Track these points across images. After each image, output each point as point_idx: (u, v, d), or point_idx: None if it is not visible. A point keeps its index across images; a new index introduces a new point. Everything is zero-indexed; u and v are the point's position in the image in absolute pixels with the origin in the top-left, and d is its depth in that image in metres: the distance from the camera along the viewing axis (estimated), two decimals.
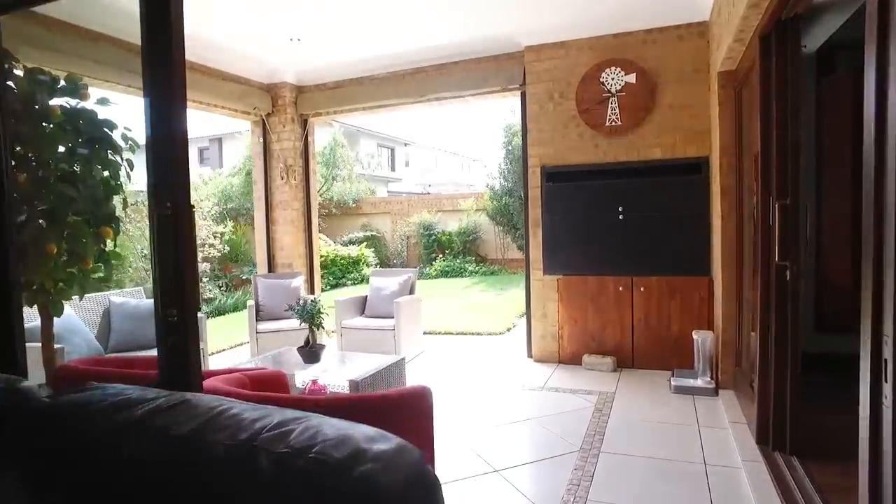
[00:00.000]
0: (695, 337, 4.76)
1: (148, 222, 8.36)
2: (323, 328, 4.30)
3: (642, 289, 5.37)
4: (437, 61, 6.27)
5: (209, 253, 11.85)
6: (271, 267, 7.14)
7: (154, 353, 4.55)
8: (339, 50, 5.98)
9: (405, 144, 39.39)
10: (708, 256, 5.13)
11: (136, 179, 3.12)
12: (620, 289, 5.45)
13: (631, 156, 5.38)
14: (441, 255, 15.28)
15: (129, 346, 5.25)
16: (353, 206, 17.26)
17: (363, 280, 14.20)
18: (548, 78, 5.64)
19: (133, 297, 5.61)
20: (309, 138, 7.16)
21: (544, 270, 5.78)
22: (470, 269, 14.46)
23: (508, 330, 7.93)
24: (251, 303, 6.21)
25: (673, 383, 4.75)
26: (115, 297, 5.48)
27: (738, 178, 4.43)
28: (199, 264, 11.48)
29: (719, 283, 4.69)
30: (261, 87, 6.83)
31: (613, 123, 5.39)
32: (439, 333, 7.95)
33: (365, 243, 15.47)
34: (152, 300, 5.32)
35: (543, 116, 5.69)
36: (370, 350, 6.08)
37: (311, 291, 7.26)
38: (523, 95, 5.90)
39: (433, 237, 15.69)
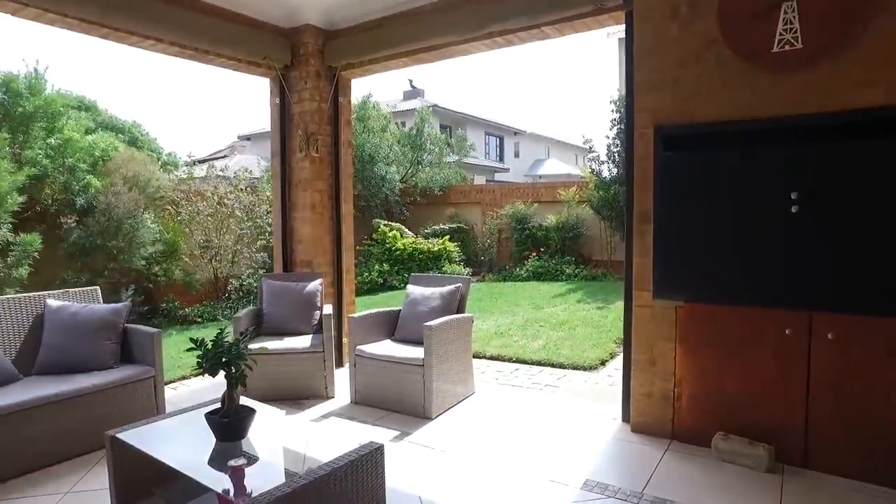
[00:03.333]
0: None
1: (206, 207, 7.00)
2: (244, 378, 2.54)
3: (831, 335, 3.07)
4: None
5: (270, 241, 10.70)
6: (287, 265, 5.57)
7: (85, 381, 2.82)
8: None
9: (515, 133, 37.59)
10: None
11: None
12: (788, 331, 3.19)
13: (818, 103, 3.09)
14: (535, 254, 13.15)
15: (59, 368, 3.88)
16: (440, 194, 15.57)
17: None
18: None
19: (78, 300, 4.25)
20: (340, 99, 5.48)
21: (655, 292, 3.64)
22: (568, 271, 12.18)
23: (603, 363, 5.78)
24: (241, 314, 4.64)
25: None
26: (54, 299, 4.14)
27: None
28: (257, 255, 10.36)
29: None
30: (276, 32, 5.23)
31: (787, 47, 3.12)
32: (508, 360, 5.98)
33: (449, 236, 13.72)
34: (102, 305, 3.89)
35: (662, 45, 3.53)
36: (391, 393, 4.30)
37: (337, 299, 5.60)
38: (629, 16, 3.78)
39: (527, 232, 13.59)
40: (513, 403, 4.50)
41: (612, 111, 11.96)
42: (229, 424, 2.47)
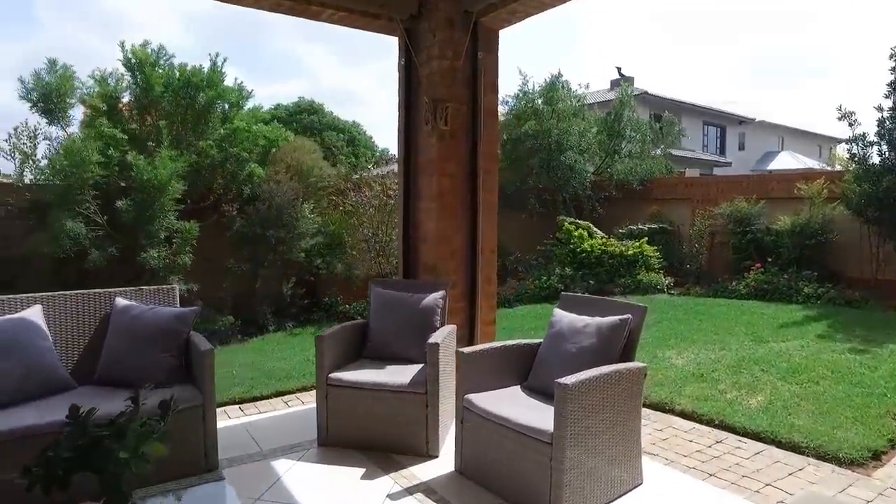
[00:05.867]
0: None
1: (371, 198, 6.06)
2: (128, 491, 1.37)
3: None
4: None
5: None
6: (409, 269, 4.44)
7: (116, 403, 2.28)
8: None
9: (740, 122, 32.95)
10: None
11: None
12: None
13: None
14: (759, 265, 10.32)
15: (114, 380, 3.25)
16: (640, 188, 13.31)
17: (637, 288, 10.46)
18: None
19: (149, 300, 3.60)
20: (481, 54, 4.17)
21: None
22: (807, 291, 9.18)
23: (878, 458, 3.57)
24: (328, 332, 3.60)
25: None
26: (123, 298, 3.53)
27: None
28: None
29: None
30: None
31: None
32: (706, 422, 4.14)
33: (648, 238, 11.54)
34: (169, 308, 3.15)
35: None
36: (505, 471, 2.92)
37: (469, 318, 4.30)
38: None
39: (749, 236, 10.78)
40: None
41: (892, 70, 8.68)
42: None
